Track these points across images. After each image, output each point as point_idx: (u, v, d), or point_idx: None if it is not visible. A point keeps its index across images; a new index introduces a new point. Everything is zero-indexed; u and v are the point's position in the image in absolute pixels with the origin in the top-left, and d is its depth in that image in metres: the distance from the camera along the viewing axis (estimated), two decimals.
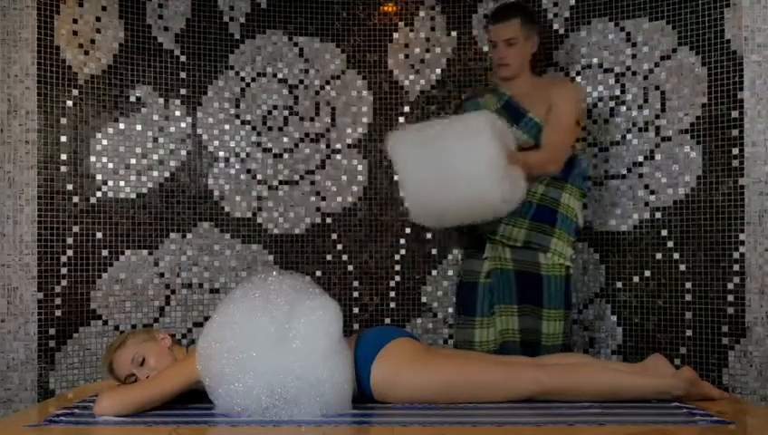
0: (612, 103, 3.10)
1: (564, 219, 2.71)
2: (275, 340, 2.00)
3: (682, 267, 2.89)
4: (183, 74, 3.21)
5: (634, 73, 3.04)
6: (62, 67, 2.93)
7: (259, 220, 3.31)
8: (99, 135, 3.05)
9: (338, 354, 2.03)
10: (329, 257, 3.34)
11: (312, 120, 3.35)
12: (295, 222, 3.34)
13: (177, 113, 3.21)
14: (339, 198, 3.36)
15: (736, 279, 2.70)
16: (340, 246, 3.35)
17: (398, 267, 3.35)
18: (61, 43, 2.92)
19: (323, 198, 3.35)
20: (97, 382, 2.80)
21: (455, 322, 2.90)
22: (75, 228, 2.96)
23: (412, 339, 2.25)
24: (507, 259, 2.71)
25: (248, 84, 3.31)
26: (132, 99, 3.12)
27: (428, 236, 3.34)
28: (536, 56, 2.89)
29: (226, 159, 3.28)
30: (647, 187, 3.00)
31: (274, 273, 2.20)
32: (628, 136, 3.05)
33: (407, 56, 3.38)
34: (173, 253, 3.19)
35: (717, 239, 2.78)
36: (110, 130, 3.08)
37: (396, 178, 3.13)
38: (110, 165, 3.07)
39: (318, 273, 3.31)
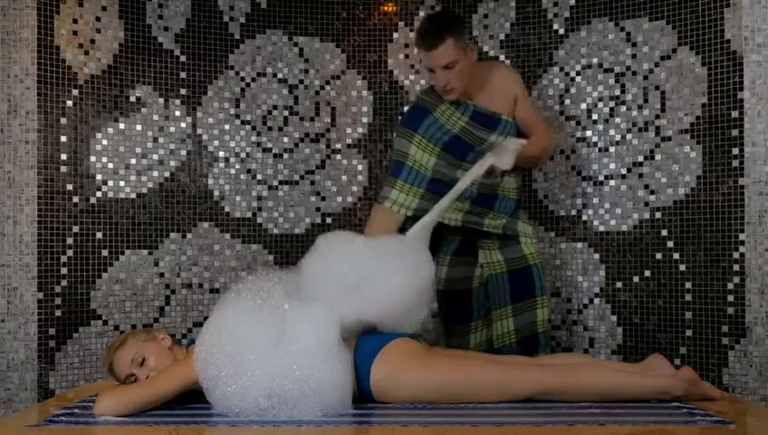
0: (612, 103, 3.10)
1: (520, 203, 2.78)
2: (274, 342, 2.00)
3: (682, 267, 2.88)
4: (183, 74, 3.21)
5: (634, 73, 3.04)
6: (62, 67, 2.93)
7: (259, 220, 3.31)
8: (99, 135, 3.05)
9: (337, 356, 2.03)
10: None
11: (312, 120, 3.35)
12: (295, 222, 3.33)
13: (177, 113, 3.21)
14: (339, 198, 3.36)
15: (736, 279, 2.70)
16: None
17: None
18: (61, 43, 2.92)
19: (323, 198, 3.35)
20: (97, 382, 2.80)
21: (444, 332, 2.82)
22: (75, 228, 2.96)
23: (412, 339, 2.24)
24: (501, 262, 2.71)
25: (248, 84, 3.31)
26: (132, 99, 3.12)
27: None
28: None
29: (226, 159, 3.28)
30: (647, 187, 3.00)
31: (273, 273, 2.20)
32: (628, 136, 3.05)
33: (407, 56, 3.38)
34: (173, 253, 3.19)
35: (717, 239, 2.77)
36: (110, 130, 3.08)
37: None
38: (110, 165, 3.07)
39: None
